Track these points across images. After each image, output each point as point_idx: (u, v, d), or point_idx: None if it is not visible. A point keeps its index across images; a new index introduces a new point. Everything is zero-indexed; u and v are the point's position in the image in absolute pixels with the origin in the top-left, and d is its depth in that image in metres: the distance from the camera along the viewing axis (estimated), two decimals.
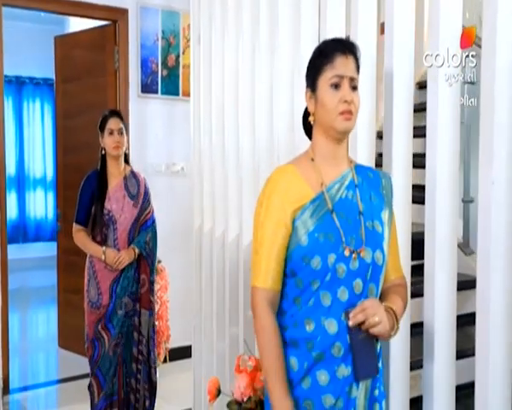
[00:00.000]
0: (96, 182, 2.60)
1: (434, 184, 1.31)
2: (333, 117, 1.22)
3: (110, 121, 2.62)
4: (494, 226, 1.15)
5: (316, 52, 1.30)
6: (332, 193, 1.25)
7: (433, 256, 1.32)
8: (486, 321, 1.19)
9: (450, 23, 1.40)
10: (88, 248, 2.63)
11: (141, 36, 3.61)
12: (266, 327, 1.24)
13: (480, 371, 1.19)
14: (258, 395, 1.64)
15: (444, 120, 1.31)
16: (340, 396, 1.20)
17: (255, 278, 1.27)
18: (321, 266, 1.20)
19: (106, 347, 2.58)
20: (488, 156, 1.16)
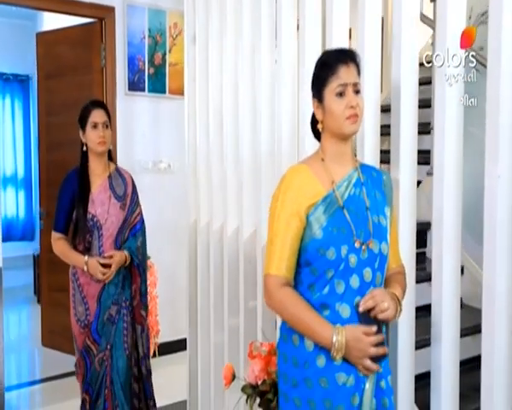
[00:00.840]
0: (76, 183, 2.31)
1: (442, 178, 1.44)
2: (341, 122, 1.34)
3: (94, 113, 2.33)
4: (499, 217, 1.28)
5: (319, 64, 1.41)
6: (341, 191, 1.37)
7: (441, 244, 1.45)
8: (492, 306, 1.32)
9: (451, 23, 1.49)
10: (68, 258, 2.35)
11: (128, 34, 3.64)
12: (287, 295, 1.35)
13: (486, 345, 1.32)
14: (272, 377, 1.74)
15: (448, 118, 1.44)
16: (351, 374, 1.31)
17: (269, 267, 1.37)
18: (335, 256, 1.31)
19: (93, 360, 2.36)
20: (494, 153, 1.29)
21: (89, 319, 2.33)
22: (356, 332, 1.28)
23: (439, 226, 1.46)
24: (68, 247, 2.32)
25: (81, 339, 2.36)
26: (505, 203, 1.30)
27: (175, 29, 3.80)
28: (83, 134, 2.35)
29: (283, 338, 1.43)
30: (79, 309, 2.34)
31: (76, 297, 2.35)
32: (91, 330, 2.33)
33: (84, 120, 2.34)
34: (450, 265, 1.46)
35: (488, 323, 1.35)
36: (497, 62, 1.30)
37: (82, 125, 2.35)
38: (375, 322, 1.29)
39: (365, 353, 1.27)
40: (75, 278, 2.36)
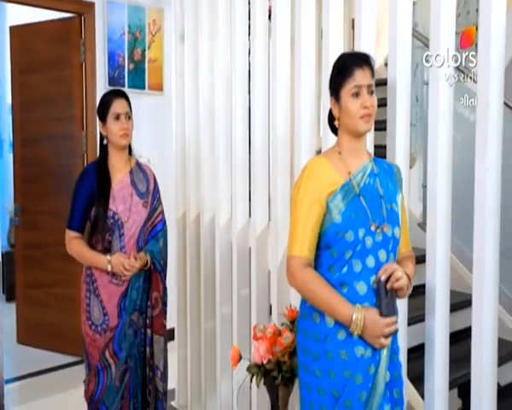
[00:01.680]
0: (95, 177, 2.12)
1: (436, 171, 1.61)
2: (355, 121, 1.48)
3: (115, 103, 2.13)
4: (488, 205, 1.46)
5: (337, 66, 1.54)
6: (357, 180, 1.51)
7: (435, 230, 1.62)
8: (481, 282, 1.51)
9: (451, 23, 1.61)
10: (87, 259, 2.15)
11: (108, 30, 3.64)
12: (308, 276, 1.48)
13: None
14: (276, 357, 1.87)
15: (443, 117, 1.60)
16: (368, 348, 1.45)
17: (292, 248, 1.50)
18: (353, 238, 1.45)
19: (112, 376, 2.13)
20: (483, 148, 1.46)
21: (108, 324, 2.11)
22: (373, 314, 1.42)
23: (433, 216, 1.63)
24: (86, 246, 2.14)
25: (95, 348, 2.11)
26: (493, 192, 1.48)
27: (154, 26, 3.84)
28: (102, 126, 2.16)
29: (303, 316, 1.56)
30: (95, 313, 2.13)
31: (91, 300, 2.14)
32: (113, 341, 2.10)
33: (104, 111, 2.14)
34: (443, 248, 1.63)
35: (477, 297, 1.53)
36: (486, 63, 1.46)
37: (102, 116, 2.16)
38: (391, 295, 1.43)
39: (380, 333, 1.41)
40: (91, 279, 2.15)
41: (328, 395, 1.48)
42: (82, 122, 3.71)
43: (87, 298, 2.16)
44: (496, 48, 1.45)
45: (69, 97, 3.72)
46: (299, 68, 2.07)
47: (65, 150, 3.80)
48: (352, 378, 1.45)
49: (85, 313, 2.16)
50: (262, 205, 2.37)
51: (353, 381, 1.45)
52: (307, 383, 1.53)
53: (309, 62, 2.07)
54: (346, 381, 1.45)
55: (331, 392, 1.47)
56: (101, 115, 2.17)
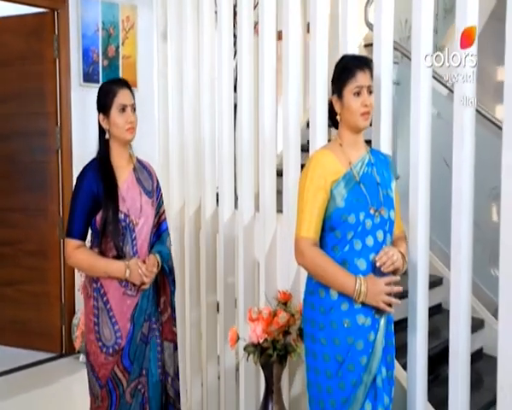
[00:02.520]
0: (98, 178, 1.91)
1: (417, 163, 1.81)
2: (356, 117, 1.66)
3: (121, 94, 1.93)
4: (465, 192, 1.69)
5: (340, 67, 1.71)
6: (357, 169, 1.69)
7: (416, 212, 1.82)
8: (458, 258, 1.71)
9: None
10: (99, 268, 1.90)
11: (82, 26, 3.66)
12: (316, 254, 1.65)
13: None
14: (273, 335, 2.01)
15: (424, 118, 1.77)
16: (368, 316, 1.64)
17: (300, 230, 1.67)
18: (355, 221, 1.64)
19: (124, 393, 1.94)
20: (460, 140, 1.67)
21: (120, 344, 1.91)
22: (372, 278, 1.62)
23: (415, 200, 1.82)
24: (95, 254, 1.90)
25: (107, 369, 1.91)
26: (469, 180, 1.69)
27: (127, 22, 3.88)
28: (104, 119, 1.95)
29: (310, 292, 1.73)
30: (105, 333, 1.90)
31: (101, 318, 1.90)
32: (122, 356, 1.91)
33: (107, 102, 1.93)
34: (423, 231, 1.83)
35: (455, 276, 1.74)
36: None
37: (104, 107, 1.94)
38: (387, 273, 1.63)
39: (381, 291, 1.60)
40: (99, 293, 1.90)
41: (333, 361, 1.65)
42: (56, 118, 3.72)
43: (95, 316, 1.91)
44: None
45: (42, 93, 3.71)
46: (286, 64, 2.22)
47: (38, 146, 3.79)
48: (354, 344, 1.63)
49: (94, 334, 1.92)
50: (249, 197, 2.50)
51: (355, 347, 1.63)
52: (314, 350, 1.70)
53: (295, 58, 2.22)
54: (349, 347, 1.63)
55: (335, 357, 1.65)
56: (103, 107, 1.94)
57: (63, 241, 3.80)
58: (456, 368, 1.77)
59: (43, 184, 3.79)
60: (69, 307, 3.84)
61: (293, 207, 2.16)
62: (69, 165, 3.75)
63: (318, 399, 1.71)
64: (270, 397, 2.10)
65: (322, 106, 2.11)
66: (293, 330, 2.07)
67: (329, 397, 1.67)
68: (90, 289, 1.93)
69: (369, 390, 1.65)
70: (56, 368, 3.73)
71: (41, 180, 3.81)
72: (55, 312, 3.86)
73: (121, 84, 1.98)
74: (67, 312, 3.84)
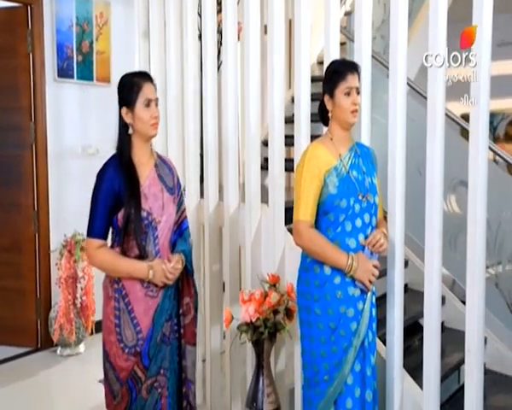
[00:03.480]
0: (120, 174, 1.84)
1: (395, 158, 2.04)
2: (347, 114, 1.88)
3: (146, 88, 1.87)
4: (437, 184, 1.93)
5: (332, 70, 1.92)
6: (346, 160, 1.91)
7: (394, 198, 2.05)
8: (432, 243, 1.96)
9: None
10: (122, 268, 1.85)
11: (56, 21, 3.68)
12: (313, 235, 1.86)
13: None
14: (265, 314, 2.19)
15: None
16: (357, 288, 1.87)
17: (298, 214, 1.87)
18: (346, 205, 1.86)
19: (141, 388, 1.91)
20: (432, 133, 1.91)
21: (142, 344, 1.87)
22: (363, 257, 1.85)
23: (393, 191, 2.06)
24: (118, 254, 1.85)
25: (127, 369, 1.88)
26: (440, 169, 1.93)
27: (101, 18, 3.93)
28: (128, 113, 1.87)
29: (305, 269, 1.94)
30: (127, 334, 1.86)
31: (123, 319, 1.86)
32: (142, 356, 1.88)
33: (132, 96, 1.85)
34: (399, 221, 2.07)
35: (429, 257, 1.99)
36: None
37: (129, 101, 1.86)
38: (375, 255, 1.87)
39: (369, 268, 1.84)
40: (121, 294, 1.87)
41: (327, 328, 1.87)
42: (30, 113, 3.72)
43: (116, 317, 1.86)
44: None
45: (16, 87, 3.71)
46: (271, 59, 2.40)
47: (12, 141, 3.78)
48: (345, 313, 1.86)
49: (115, 335, 1.87)
50: (234, 188, 2.66)
51: (347, 314, 1.86)
52: (309, 320, 1.91)
53: (280, 54, 2.41)
54: (341, 315, 1.86)
55: (329, 325, 1.87)
56: (127, 100, 1.86)
57: (38, 235, 3.83)
58: (430, 338, 2.01)
59: (18, 178, 3.79)
60: (45, 301, 3.86)
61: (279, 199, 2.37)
62: (44, 160, 3.76)
63: (312, 363, 1.92)
64: (261, 371, 2.29)
65: (305, 99, 2.31)
66: (281, 309, 2.26)
67: (323, 361, 1.89)
68: (111, 290, 1.88)
69: (358, 352, 1.88)
70: (33, 362, 3.74)
71: (15, 175, 3.81)
72: (31, 307, 3.87)
73: (146, 77, 1.91)
74: (43, 306, 3.86)
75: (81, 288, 3.73)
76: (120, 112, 1.89)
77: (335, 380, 1.88)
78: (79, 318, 3.73)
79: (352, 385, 1.90)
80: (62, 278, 3.65)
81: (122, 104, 1.88)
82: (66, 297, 3.66)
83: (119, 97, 1.90)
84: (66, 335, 3.67)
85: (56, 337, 3.70)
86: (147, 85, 1.87)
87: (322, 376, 1.90)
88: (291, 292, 2.22)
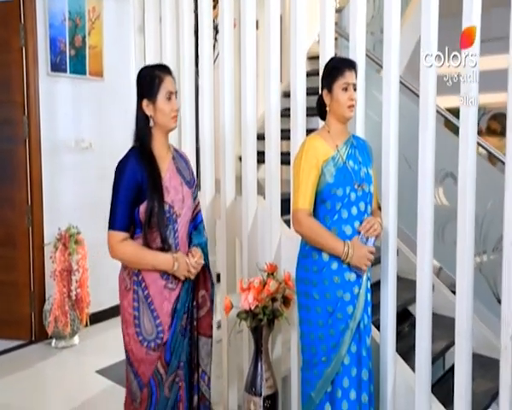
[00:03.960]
0: (143, 167, 1.82)
1: (388, 152, 2.13)
2: (344, 109, 1.97)
3: (168, 80, 1.87)
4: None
5: (331, 66, 2.01)
6: (343, 151, 1.99)
7: (388, 189, 2.15)
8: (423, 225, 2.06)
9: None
10: (147, 260, 1.83)
11: (49, 16, 3.69)
12: (312, 223, 1.94)
13: None
14: (263, 302, 2.27)
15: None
16: (353, 273, 1.97)
17: (298, 203, 1.95)
18: (342, 193, 1.94)
19: (164, 386, 1.89)
20: (424, 123, 2.00)
21: (162, 338, 1.85)
22: (358, 243, 1.94)
23: (387, 186, 2.15)
24: (142, 247, 1.83)
25: (149, 366, 1.85)
26: (431, 162, 2.03)
27: (93, 13, 3.94)
28: (148, 105, 1.86)
29: (304, 255, 2.03)
30: (147, 327, 1.84)
31: (142, 313, 1.85)
32: (165, 351, 1.86)
33: (154, 88, 1.84)
34: (392, 212, 2.16)
35: (421, 248, 2.09)
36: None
37: (151, 93, 1.85)
38: (369, 241, 1.96)
39: (365, 254, 1.93)
40: (141, 286, 1.85)
41: (324, 312, 1.96)
42: (23, 107, 3.73)
43: (135, 309, 1.85)
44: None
45: (8, 82, 3.72)
46: (268, 54, 2.48)
47: (5, 135, 3.79)
48: (342, 297, 1.96)
49: (133, 328, 1.84)
50: (231, 181, 2.74)
51: (343, 298, 1.96)
52: (307, 305, 2.01)
53: (276, 49, 2.49)
54: (339, 299, 1.95)
55: (327, 309, 1.96)
56: (148, 92, 1.85)
57: (32, 229, 3.85)
58: (422, 323, 2.11)
59: (11, 173, 3.80)
60: (39, 294, 3.89)
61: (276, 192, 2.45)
62: (37, 154, 3.78)
63: (311, 346, 2.02)
64: (259, 357, 2.37)
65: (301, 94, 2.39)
66: (279, 297, 2.34)
67: (321, 343, 1.99)
68: (130, 282, 1.86)
69: (355, 334, 1.98)
70: (28, 354, 3.77)
71: (9, 169, 3.82)
72: (25, 300, 3.90)
73: (166, 70, 1.90)
74: (37, 299, 3.89)
75: (76, 280, 3.77)
76: (140, 104, 1.87)
77: (333, 361, 1.98)
78: (74, 310, 3.77)
79: (349, 365, 2.00)
80: (57, 270, 3.69)
81: (142, 96, 1.87)
82: (61, 290, 3.70)
83: (139, 89, 1.88)
84: (61, 327, 3.71)
85: (51, 330, 3.74)
86: (168, 78, 1.87)
87: (320, 357, 2.00)
88: (288, 280, 2.31)
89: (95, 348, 3.85)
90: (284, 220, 2.60)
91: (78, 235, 3.78)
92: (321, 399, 2.02)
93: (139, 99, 1.87)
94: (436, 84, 2.00)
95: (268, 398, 2.36)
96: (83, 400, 3.13)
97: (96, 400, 3.15)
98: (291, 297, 2.33)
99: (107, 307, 4.27)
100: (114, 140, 4.23)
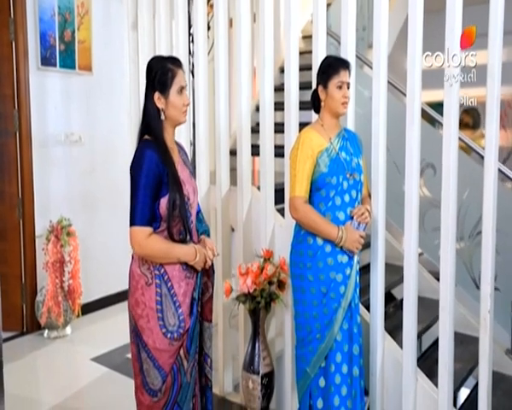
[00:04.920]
0: (161, 159, 1.78)
1: (378, 145, 2.30)
2: (337, 105, 2.13)
3: (180, 74, 1.85)
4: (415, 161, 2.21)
5: (327, 64, 2.15)
6: (335, 143, 2.15)
7: (377, 177, 2.32)
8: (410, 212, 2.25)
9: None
10: (174, 253, 1.82)
11: (39, 10, 3.73)
12: (308, 210, 2.09)
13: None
14: (261, 285, 2.42)
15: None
16: (345, 255, 2.13)
17: (294, 191, 2.10)
18: (336, 182, 2.10)
19: (186, 373, 1.91)
20: (411, 115, 2.18)
21: (184, 327, 1.86)
22: (350, 228, 2.10)
23: (376, 181, 2.33)
24: (167, 240, 1.81)
25: (170, 355, 1.85)
26: (417, 153, 2.21)
27: (82, 8, 3.99)
28: (160, 98, 1.84)
29: (299, 241, 2.17)
30: (170, 319, 1.84)
31: (165, 305, 1.83)
32: (187, 338, 1.88)
33: (167, 81, 1.82)
34: (381, 203, 2.34)
35: (408, 236, 2.26)
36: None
37: (163, 87, 1.83)
38: (361, 226, 2.13)
39: (357, 238, 2.10)
40: (163, 280, 1.83)
41: (318, 292, 2.12)
42: (13, 100, 3.76)
43: (158, 303, 1.82)
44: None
45: None
46: (263, 49, 2.62)
47: None
48: (335, 278, 2.12)
49: (156, 321, 1.82)
50: (225, 173, 2.87)
51: (336, 279, 2.12)
52: (302, 286, 2.16)
53: (270, 44, 2.63)
54: (332, 280, 2.12)
55: (320, 290, 2.12)
56: (162, 85, 1.82)
57: (23, 222, 3.90)
58: (409, 302, 2.29)
59: (2, 166, 3.84)
60: (30, 286, 3.94)
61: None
62: (28, 147, 3.82)
63: (305, 324, 2.17)
64: (257, 338, 2.52)
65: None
66: (275, 281, 2.49)
67: (315, 322, 2.15)
68: (151, 276, 1.83)
69: (346, 313, 2.15)
70: (21, 345, 3.83)
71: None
72: (16, 292, 3.94)
73: (178, 64, 1.88)
74: (29, 291, 3.94)
75: (68, 272, 3.84)
76: (151, 96, 1.84)
77: (326, 337, 2.15)
78: (66, 301, 3.84)
79: (341, 341, 2.17)
80: (49, 262, 3.75)
81: (154, 89, 1.83)
82: (54, 281, 3.77)
83: (150, 81, 1.84)
84: (55, 317, 3.79)
85: (44, 320, 3.81)
86: (180, 72, 1.86)
87: (314, 335, 2.16)
88: (283, 265, 2.46)
89: (87, 337, 3.94)
90: (277, 209, 2.75)
91: (69, 227, 3.85)
92: (315, 373, 2.18)
93: (150, 91, 1.84)
94: (421, 79, 2.17)
95: (265, 376, 2.51)
96: (81, 386, 3.22)
97: (94, 386, 3.23)
98: (285, 281, 2.49)
99: (97, 298, 4.36)
100: (103, 133, 4.31)
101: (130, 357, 1.94)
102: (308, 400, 2.21)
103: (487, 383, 2.08)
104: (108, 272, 4.37)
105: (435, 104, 3.20)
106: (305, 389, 2.21)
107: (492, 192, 2.02)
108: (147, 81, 1.85)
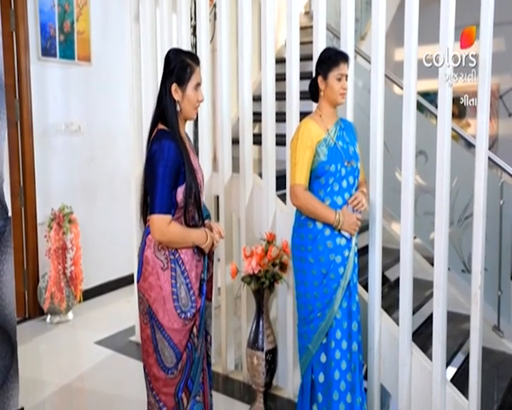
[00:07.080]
0: (180, 150, 1.85)
1: (375, 141, 2.43)
2: (336, 96, 2.24)
3: (197, 71, 1.92)
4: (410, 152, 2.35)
5: (327, 57, 2.26)
6: (332, 133, 2.27)
7: (375, 166, 2.46)
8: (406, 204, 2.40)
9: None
10: (191, 238, 1.93)
11: (39, 1, 3.79)
12: (308, 196, 2.21)
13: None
14: (266, 267, 2.55)
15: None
16: (343, 238, 2.26)
17: (295, 178, 2.21)
18: (334, 169, 2.22)
19: (197, 348, 2.02)
20: (407, 110, 2.32)
21: (196, 307, 1.96)
22: (347, 212, 2.23)
23: (374, 172, 2.46)
24: (184, 226, 1.92)
25: (184, 334, 1.95)
26: (412, 142, 2.35)
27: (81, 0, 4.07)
28: (177, 90, 1.89)
29: (299, 225, 2.29)
30: (184, 300, 1.94)
31: (179, 288, 1.93)
32: (199, 316, 1.99)
33: (185, 76, 1.89)
34: (378, 189, 2.48)
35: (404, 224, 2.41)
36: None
37: (181, 80, 1.89)
38: (357, 211, 2.26)
39: (354, 220, 2.23)
40: (177, 264, 1.93)
41: (319, 274, 2.25)
42: (14, 90, 3.82)
43: (173, 286, 1.92)
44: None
45: None
46: (264, 42, 2.73)
47: None
48: (334, 259, 2.24)
49: (171, 302, 1.92)
50: (228, 161, 2.98)
51: (335, 261, 2.25)
52: (303, 268, 2.28)
53: (271, 32, 2.74)
54: (331, 262, 2.24)
55: (321, 271, 2.24)
56: (179, 78, 1.88)
57: (25, 210, 3.97)
58: (405, 283, 2.44)
59: None
60: (32, 272, 4.03)
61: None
62: (29, 136, 3.89)
63: (307, 304, 2.30)
64: (261, 317, 2.66)
65: None
66: (277, 262, 2.62)
67: (316, 301, 2.28)
68: (166, 261, 1.91)
69: (345, 292, 2.28)
70: (24, 330, 3.91)
71: None
72: (19, 278, 4.01)
73: (197, 61, 1.94)
74: (31, 277, 4.03)
75: (70, 258, 3.94)
76: (169, 87, 1.88)
77: (327, 316, 2.27)
78: (69, 286, 3.94)
79: (341, 319, 2.30)
80: (52, 249, 3.84)
81: (172, 80, 1.88)
82: (56, 267, 3.86)
83: (169, 72, 1.89)
84: (57, 303, 3.88)
85: (47, 306, 3.90)
86: (198, 69, 1.93)
87: (315, 313, 2.29)
88: (286, 248, 2.59)
89: (90, 322, 4.04)
90: (278, 195, 2.88)
91: (71, 215, 3.94)
92: (317, 350, 2.31)
93: (167, 81, 1.89)
94: (416, 73, 2.31)
95: (269, 352, 2.65)
96: (87, 367, 3.34)
97: (100, 367, 3.34)
98: (287, 263, 2.62)
99: (97, 285, 4.47)
100: (102, 123, 4.39)
101: (140, 339, 2.05)
102: (310, 374, 2.34)
103: (478, 354, 2.24)
104: (108, 259, 4.47)
105: (423, 93, 3.35)
106: (308, 364, 2.34)
107: (483, 177, 2.17)
108: (164, 72, 1.91)
